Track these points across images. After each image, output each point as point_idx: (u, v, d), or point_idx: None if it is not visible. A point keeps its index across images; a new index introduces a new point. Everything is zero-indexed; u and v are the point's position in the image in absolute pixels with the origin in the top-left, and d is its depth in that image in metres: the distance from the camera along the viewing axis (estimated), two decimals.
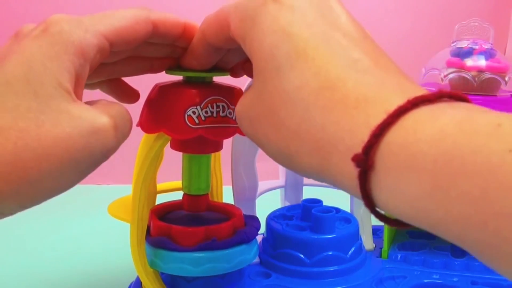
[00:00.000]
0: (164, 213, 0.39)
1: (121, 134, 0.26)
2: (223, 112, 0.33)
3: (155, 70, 0.33)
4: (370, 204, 0.20)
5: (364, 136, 0.20)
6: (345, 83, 0.22)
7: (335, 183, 0.22)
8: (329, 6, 0.25)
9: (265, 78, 0.24)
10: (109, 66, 0.31)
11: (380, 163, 0.19)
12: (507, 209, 0.16)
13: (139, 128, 0.34)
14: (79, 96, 0.25)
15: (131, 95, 0.34)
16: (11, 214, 0.24)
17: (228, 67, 0.33)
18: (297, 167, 0.23)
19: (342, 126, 0.21)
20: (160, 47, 0.31)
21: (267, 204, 0.50)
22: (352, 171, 0.20)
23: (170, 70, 0.33)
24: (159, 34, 0.29)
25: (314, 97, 0.22)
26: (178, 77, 0.34)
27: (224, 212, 0.40)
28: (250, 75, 0.31)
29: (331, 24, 0.24)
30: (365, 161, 0.20)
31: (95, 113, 0.25)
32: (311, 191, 0.53)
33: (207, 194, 0.38)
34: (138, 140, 0.36)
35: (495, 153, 0.16)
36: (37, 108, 0.23)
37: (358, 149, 0.20)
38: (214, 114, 0.32)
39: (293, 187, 0.54)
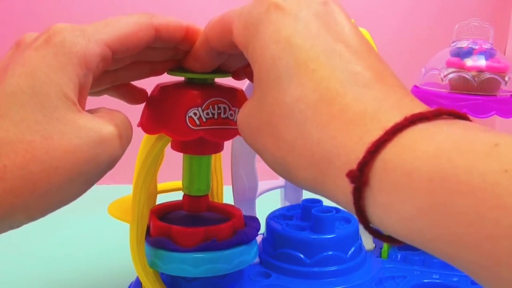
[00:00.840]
0: (164, 213, 0.39)
1: (125, 142, 0.26)
2: (224, 113, 0.32)
3: (157, 73, 0.33)
4: (364, 220, 0.20)
5: (359, 152, 0.20)
6: (343, 98, 0.22)
7: (330, 198, 0.22)
8: (333, 18, 0.24)
9: (265, 88, 0.24)
10: (111, 73, 0.31)
11: (374, 180, 0.19)
12: (502, 230, 0.15)
13: (139, 128, 0.34)
14: (82, 106, 0.25)
15: (138, 96, 0.34)
16: (19, 226, 0.24)
17: (230, 70, 0.33)
18: (293, 179, 0.23)
19: (338, 141, 0.21)
20: (162, 51, 0.31)
21: (267, 204, 0.50)
22: (346, 187, 0.20)
23: (171, 71, 0.33)
24: (161, 39, 0.29)
25: (312, 111, 0.22)
26: (180, 78, 0.34)
27: (224, 213, 0.40)
28: (251, 79, 0.31)
29: (334, 36, 0.24)
30: (359, 177, 0.19)
31: (100, 122, 0.25)
32: None
33: (207, 195, 0.38)
34: (139, 141, 0.36)
35: (490, 173, 0.16)
36: (43, 120, 0.23)
37: (353, 165, 0.20)
38: (215, 116, 0.32)
39: (293, 187, 0.54)
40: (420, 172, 0.18)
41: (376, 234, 0.21)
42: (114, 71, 0.31)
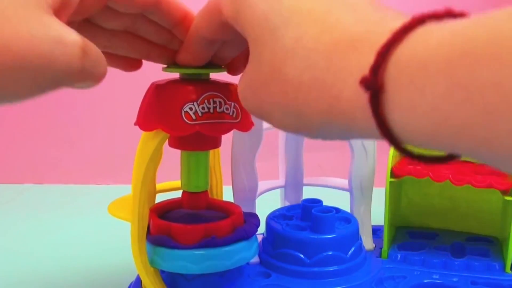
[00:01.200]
0: (164, 211, 0.39)
1: (90, 62, 0.24)
2: (220, 108, 0.33)
3: (152, 58, 0.33)
4: (387, 133, 0.19)
5: (370, 58, 0.19)
6: (344, 24, 0.21)
7: (348, 124, 0.21)
8: None
9: (262, 42, 0.24)
10: (106, 34, 0.31)
11: (390, 81, 0.19)
12: None
13: (137, 128, 0.34)
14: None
15: (133, 63, 0.34)
16: None
17: (224, 63, 0.33)
18: (307, 121, 0.23)
19: (348, 61, 0.20)
20: (159, 29, 0.31)
21: (267, 204, 0.50)
22: (363, 100, 0.19)
23: (166, 67, 0.33)
24: (160, 10, 0.29)
25: (314, 43, 0.22)
26: (175, 76, 0.34)
27: (224, 210, 0.40)
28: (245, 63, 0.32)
29: None
30: (374, 81, 0.19)
31: (67, 29, 0.23)
32: (311, 191, 0.53)
33: (206, 191, 0.38)
34: (136, 141, 0.36)
35: None
36: (9, 5, 0.22)
37: (366, 72, 0.19)
38: (211, 110, 0.32)
39: (293, 187, 0.54)
40: (436, 56, 0.17)
41: (402, 150, 0.20)
42: (109, 34, 0.31)
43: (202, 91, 0.32)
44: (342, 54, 0.21)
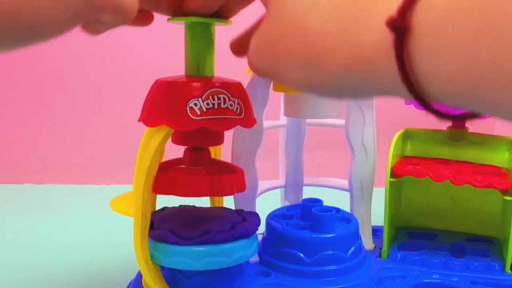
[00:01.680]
0: (166, 167, 0.38)
1: None
2: (224, 104, 0.33)
3: (161, 8, 0.32)
4: (408, 79, 0.19)
5: (399, 1, 0.19)
6: None
7: (369, 75, 0.20)
8: None
9: None
10: None
11: (418, 24, 0.18)
12: None
13: (136, 128, 0.35)
14: None
15: (145, 17, 0.33)
16: None
17: (232, 15, 0.33)
18: (324, 73, 0.22)
19: (376, 6, 0.20)
20: None
21: (267, 204, 0.50)
22: (387, 44, 0.19)
23: (172, 18, 0.33)
24: None
25: None
26: (179, 74, 0.35)
27: (225, 169, 0.38)
28: None
29: None
30: (401, 21, 0.18)
31: None
32: (311, 191, 0.53)
33: (208, 150, 0.38)
34: (136, 141, 0.36)
35: None
36: None
37: (394, 14, 0.19)
38: (216, 106, 0.33)
39: (293, 187, 0.54)
40: None
41: (422, 101, 0.20)
42: None
43: (207, 87, 0.33)
44: (369, 2, 0.20)
